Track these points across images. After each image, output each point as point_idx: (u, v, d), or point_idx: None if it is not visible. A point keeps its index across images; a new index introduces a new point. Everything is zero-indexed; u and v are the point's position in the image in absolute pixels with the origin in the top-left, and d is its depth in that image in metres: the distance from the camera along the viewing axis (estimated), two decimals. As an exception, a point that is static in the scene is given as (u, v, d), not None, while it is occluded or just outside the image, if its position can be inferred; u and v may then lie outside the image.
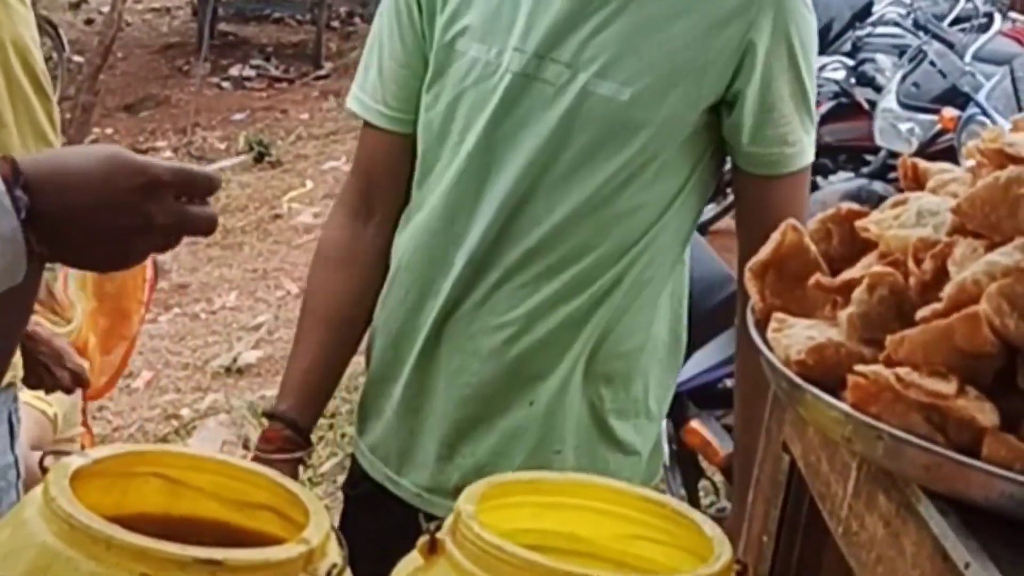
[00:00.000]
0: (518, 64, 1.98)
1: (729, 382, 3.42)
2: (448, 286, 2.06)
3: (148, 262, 2.67)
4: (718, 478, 3.78)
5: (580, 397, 2.09)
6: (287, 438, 2.13)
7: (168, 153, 10.00)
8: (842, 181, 6.35)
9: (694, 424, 3.35)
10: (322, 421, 5.22)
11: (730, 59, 1.96)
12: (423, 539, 1.36)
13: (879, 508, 1.21)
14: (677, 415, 3.39)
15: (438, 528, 1.37)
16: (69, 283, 2.72)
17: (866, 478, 1.25)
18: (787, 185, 2.07)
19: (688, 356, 3.35)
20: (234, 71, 12.42)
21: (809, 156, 2.08)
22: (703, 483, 3.72)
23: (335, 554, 1.34)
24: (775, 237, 1.37)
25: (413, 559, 1.37)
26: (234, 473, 1.44)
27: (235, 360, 6.32)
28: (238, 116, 11.19)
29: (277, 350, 6.32)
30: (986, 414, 1.08)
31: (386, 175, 2.15)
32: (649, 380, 2.18)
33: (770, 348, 1.27)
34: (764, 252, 1.37)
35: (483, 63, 2.00)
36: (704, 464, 3.61)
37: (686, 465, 3.59)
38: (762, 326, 1.33)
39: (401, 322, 2.14)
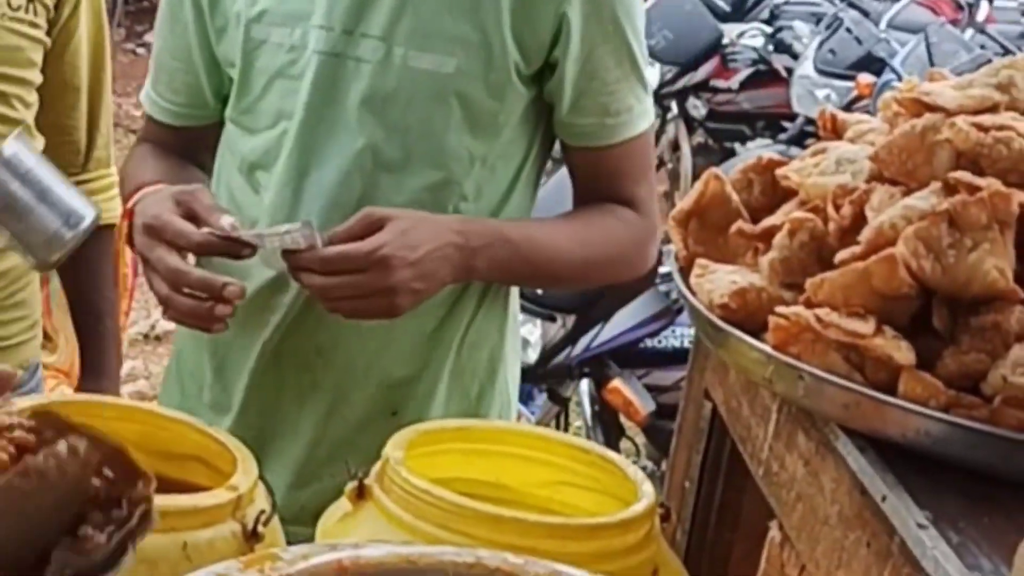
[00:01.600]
0: (325, 43, 1.82)
1: (650, 342, 3.47)
2: (287, 300, 1.87)
3: (129, 269, 2.63)
4: (640, 439, 3.83)
5: (445, 400, 1.92)
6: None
7: (83, 120, 9.86)
8: (759, 147, 6.41)
9: (616, 384, 3.38)
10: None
11: (546, 28, 1.81)
12: (351, 485, 1.37)
13: (799, 448, 1.24)
14: (599, 375, 3.43)
15: (366, 474, 1.38)
16: (53, 311, 2.66)
17: (786, 419, 1.28)
18: (615, 157, 1.89)
19: (608, 317, 3.39)
20: (149, 37, 12.27)
21: (641, 125, 1.89)
22: (624, 442, 3.76)
23: (263, 501, 1.35)
24: (697, 187, 1.40)
25: (341, 505, 1.39)
26: (162, 424, 1.44)
27: (153, 327, 6.27)
28: (154, 83, 11.06)
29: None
30: (903, 353, 1.11)
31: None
32: (509, 370, 2.02)
33: (694, 294, 1.30)
34: (687, 201, 1.40)
35: (287, 48, 1.84)
36: (625, 423, 3.66)
37: (607, 424, 3.63)
38: (685, 273, 1.35)
39: (229, 344, 1.93)
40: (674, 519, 1.56)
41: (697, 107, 6.78)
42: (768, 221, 1.31)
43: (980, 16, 7.28)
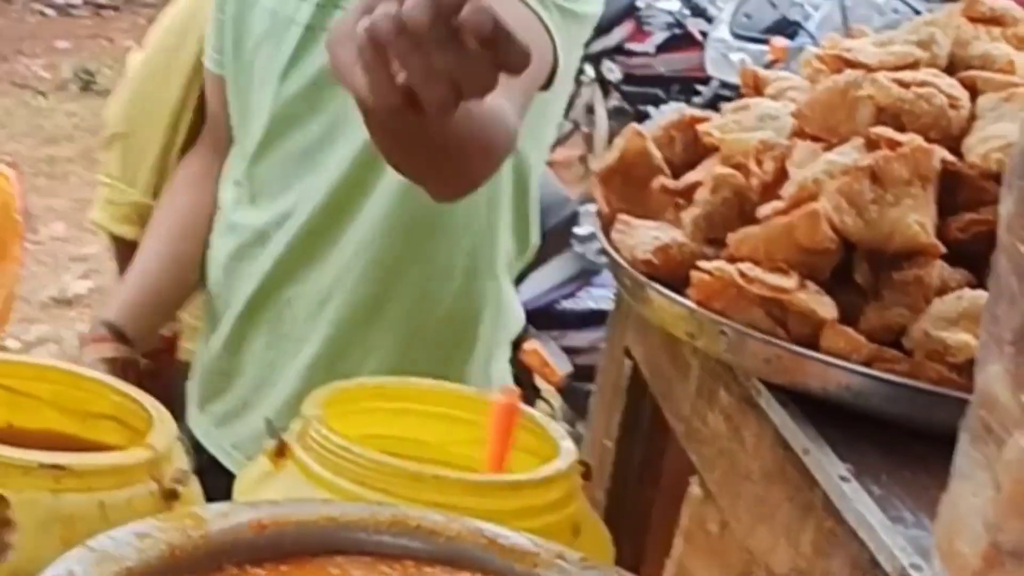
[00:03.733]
0: (306, 15, 1.83)
1: (566, 304, 3.47)
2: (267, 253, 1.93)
3: (19, 213, 2.57)
4: (556, 401, 3.84)
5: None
6: (101, 336, 2.01)
7: (-11, 80, 9.69)
8: (674, 111, 6.43)
9: (531, 345, 3.38)
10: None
11: None
12: (270, 444, 1.35)
13: (720, 404, 1.24)
14: (515, 336, 3.42)
15: (284, 432, 1.37)
16: None
17: (707, 376, 1.28)
18: None
19: (523, 279, 3.38)
20: (58, -2, 12.07)
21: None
22: (540, 404, 3.77)
23: (181, 460, 1.33)
24: (619, 143, 1.39)
25: (260, 464, 1.37)
26: (76, 382, 1.41)
27: (63, 291, 6.18)
28: (62, 44, 10.87)
29: (107, 281, 6.19)
30: (825, 307, 1.12)
31: (223, 115, 2.09)
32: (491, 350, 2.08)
33: (616, 250, 1.29)
34: (609, 158, 1.39)
35: (276, 16, 1.86)
36: (541, 385, 3.66)
37: (523, 386, 3.62)
38: (607, 230, 1.35)
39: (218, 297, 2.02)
40: (595, 477, 1.56)
41: (612, 70, 6.79)
42: (690, 177, 1.31)
43: (892, -19, 7.36)
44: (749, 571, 1.17)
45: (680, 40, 6.72)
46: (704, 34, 6.53)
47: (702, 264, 1.17)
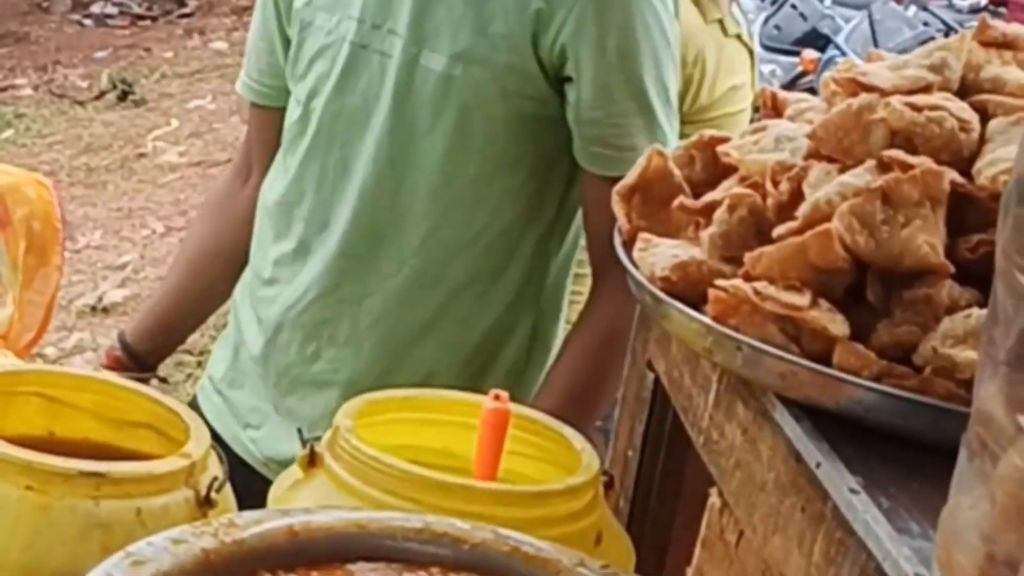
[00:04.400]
0: (355, 34, 1.93)
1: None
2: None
3: (58, 222, 2.63)
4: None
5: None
6: (117, 358, 2.21)
7: (28, 91, 9.79)
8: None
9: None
10: (189, 358, 5.18)
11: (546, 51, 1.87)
12: (302, 452, 1.40)
13: (737, 417, 1.28)
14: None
15: (317, 441, 1.41)
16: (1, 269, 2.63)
17: (726, 389, 1.32)
18: None
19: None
20: (95, 8, 12.16)
21: None
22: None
23: (216, 468, 1.37)
24: (640, 162, 1.43)
25: (292, 473, 1.41)
26: (114, 392, 1.46)
27: (100, 299, 6.25)
28: (100, 54, 10.97)
29: (143, 289, 6.27)
30: (837, 325, 1.15)
31: (259, 143, 2.17)
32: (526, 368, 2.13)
33: (636, 267, 1.33)
34: (630, 177, 1.43)
35: (326, 33, 1.96)
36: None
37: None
38: (628, 247, 1.38)
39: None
40: (617, 487, 1.59)
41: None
42: (709, 196, 1.34)
43: (923, -7, 7.37)
44: (765, 580, 1.21)
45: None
46: (737, 46, 6.55)
47: (719, 282, 1.20)
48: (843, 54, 5.58)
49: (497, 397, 1.46)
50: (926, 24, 5.77)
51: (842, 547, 1.06)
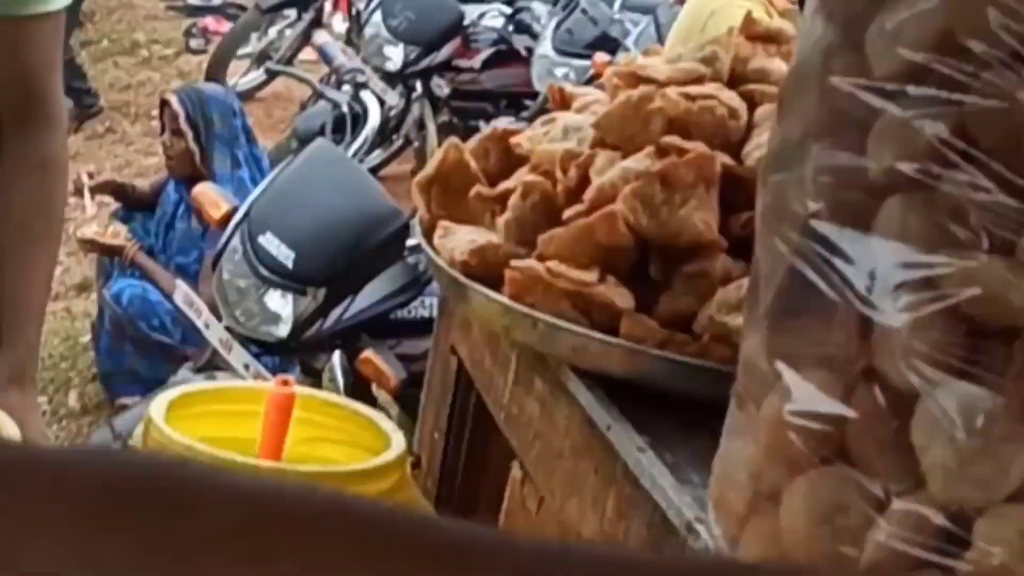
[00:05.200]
0: None
1: (400, 313, 3.56)
2: None
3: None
4: (393, 409, 3.92)
5: None
6: None
7: None
8: (503, 125, 6.56)
9: (367, 354, 3.46)
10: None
11: None
12: (115, 445, 1.43)
13: (536, 391, 1.36)
14: (351, 346, 3.51)
15: (129, 435, 1.45)
16: None
17: (524, 367, 1.40)
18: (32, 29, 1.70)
19: (359, 290, 3.47)
20: None
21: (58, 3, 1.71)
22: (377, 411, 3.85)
23: None
24: (438, 155, 1.50)
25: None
26: None
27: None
28: None
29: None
30: (623, 298, 1.24)
31: None
32: None
33: (437, 253, 1.40)
34: (428, 168, 1.50)
35: None
36: (378, 393, 3.74)
37: (360, 395, 3.69)
38: (429, 235, 1.45)
39: None
40: (424, 468, 1.66)
41: (441, 86, 6.90)
42: (504, 185, 1.42)
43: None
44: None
45: (506, 56, 6.85)
46: (529, 50, 6.67)
47: (514, 263, 1.28)
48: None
49: (285, 383, 1.52)
50: (711, 27, 5.97)
51: (631, 502, 1.15)
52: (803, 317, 0.86)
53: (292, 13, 7.65)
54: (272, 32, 7.73)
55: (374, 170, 5.77)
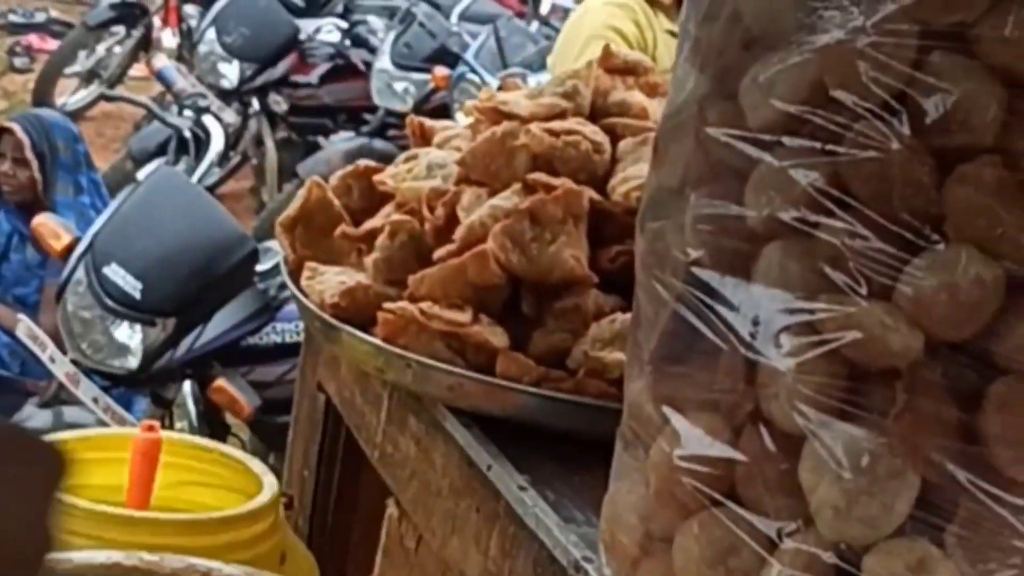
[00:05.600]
0: None
1: (252, 340, 3.53)
2: None
3: None
4: (246, 435, 3.88)
5: None
6: None
7: None
8: (343, 140, 6.52)
9: (220, 383, 3.42)
10: None
11: None
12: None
13: (410, 429, 1.36)
14: (202, 375, 3.46)
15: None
16: None
17: (397, 405, 1.40)
18: None
19: (209, 318, 3.43)
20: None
21: None
22: (231, 440, 3.81)
23: None
24: (301, 194, 1.50)
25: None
26: None
27: None
28: None
29: None
30: (498, 337, 1.25)
31: None
32: None
33: (305, 295, 1.40)
34: (292, 208, 1.49)
35: None
36: (231, 420, 3.70)
37: (213, 423, 3.65)
38: (295, 276, 1.45)
39: None
40: (296, 506, 1.65)
41: (279, 102, 6.84)
42: (369, 224, 1.42)
43: (544, 9, 7.69)
44: (446, 579, 1.30)
45: (343, 71, 6.82)
46: (367, 64, 6.66)
47: (386, 305, 1.28)
48: (472, 70, 5.76)
49: (151, 428, 1.50)
50: (548, 38, 6.02)
51: (516, 541, 1.15)
52: (688, 362, 0.87)
53: (121, 30, 7.52)
54: (100, 49, 7.58)
55: (211, 188, 5.70)
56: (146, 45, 7.46)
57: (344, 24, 7.14)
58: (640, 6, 2.62)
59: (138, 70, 7.49)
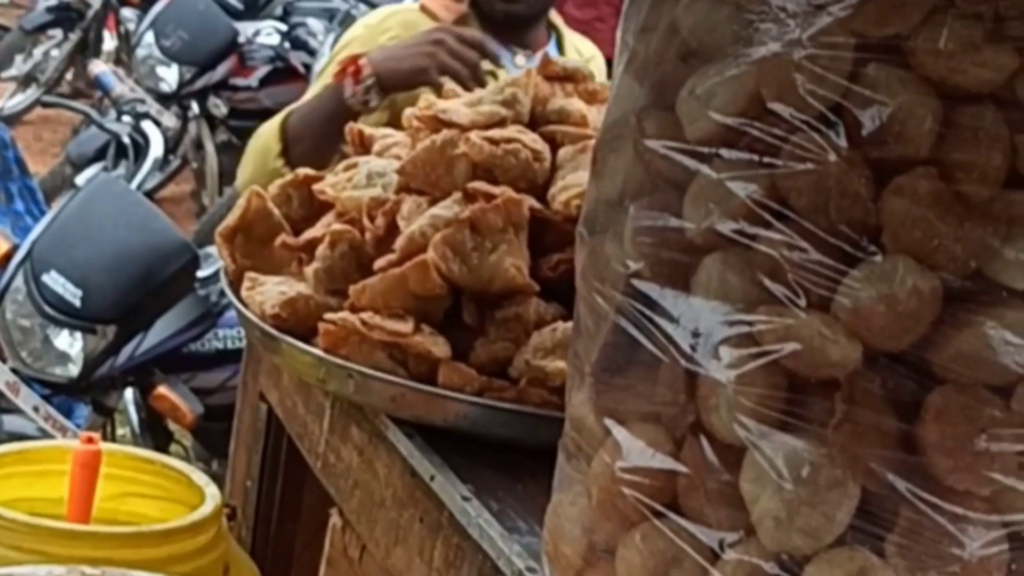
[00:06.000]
0: None
1: (193, 346, 3.51)
2: None
3: None
4: (188, 442, 3.86)
5: None
6: None
7: None
8: (283, 143, 6.50)
9: (162, 390, 3.40)
10: None
11: None
12: (-82, 519, 1.37)
13: (353, 439, 1.36)
14: (144, 383, 3.44)
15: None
16: None
17: (340, 415, 1.39)
18: None
19: (150, 325, 3.41)
20: None
21: None
22: (173, 446, 3.79)
23: None
24: (241, 203, 1.49)
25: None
26: None
27: None
28: None
29: None
30: (439, 347, 1.25)
31: None
32: None
33: (246, 306, 1.39)
34: (231, 218, 1.48)
35: None
36: (173, 427, 3.68)
37: (155, 431, 3.63)
38: (236, 286, 1.44)
39: None
40: (239, 516, 1.64)
41: (218, 106, 6.80)
42: (310, 233, 1.41)
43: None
44: (390, 590, 1.29)
45: (283, 73, 6.78)
46: (307, 66, 6.63)
47: (328, 315, 1.28)
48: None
49: (90, 440, 1.48)
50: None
51: (460, 551, 1.15)
52: (629, 374, 0.88)
53: (58, 33, 7.45)
54: (38, 53, 7.51)
55: (151, 193, 5.66)
56: (83, 48, 7.39)
57: (283, 27, 7.10)
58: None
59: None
